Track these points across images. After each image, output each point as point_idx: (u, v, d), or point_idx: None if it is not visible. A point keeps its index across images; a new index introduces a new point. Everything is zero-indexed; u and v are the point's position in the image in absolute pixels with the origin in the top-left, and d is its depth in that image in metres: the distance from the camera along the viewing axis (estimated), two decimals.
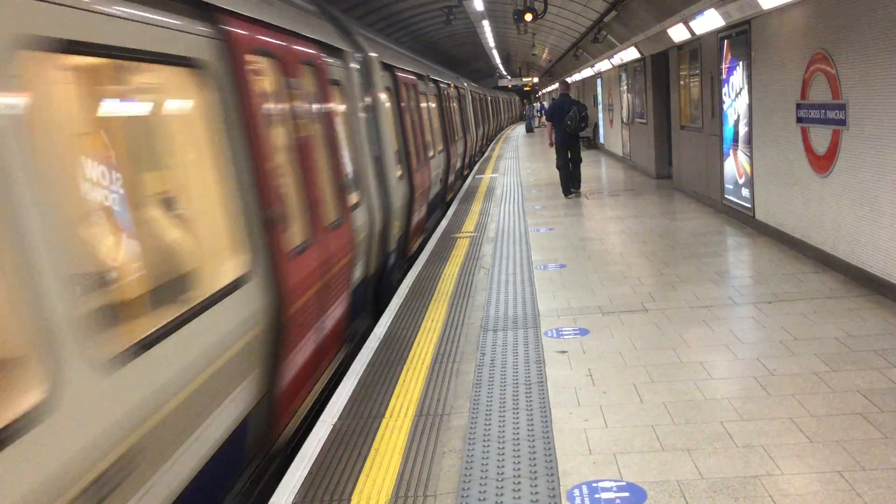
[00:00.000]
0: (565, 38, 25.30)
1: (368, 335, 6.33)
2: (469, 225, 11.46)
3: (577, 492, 3.56)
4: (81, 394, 2.37)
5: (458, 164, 17.77)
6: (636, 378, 4.91)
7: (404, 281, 8.04)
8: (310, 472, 3.93)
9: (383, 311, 7.10)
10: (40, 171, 2.40)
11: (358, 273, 6.39)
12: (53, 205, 2.45)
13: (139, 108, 4.03)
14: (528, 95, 70.70)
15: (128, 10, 3.13)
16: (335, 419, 4.57)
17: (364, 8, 19.33)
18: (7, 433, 2.00)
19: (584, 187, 14.37)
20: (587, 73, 25.12)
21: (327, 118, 6.02)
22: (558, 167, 13.94)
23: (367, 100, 7.92)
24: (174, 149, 4.02)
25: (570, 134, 13.68)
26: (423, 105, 12.76)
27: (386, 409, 4.67)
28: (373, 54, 8.54)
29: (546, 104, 43.45)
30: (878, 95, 6.12)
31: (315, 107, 5.74)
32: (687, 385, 4.73)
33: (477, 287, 7.52)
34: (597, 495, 3.52)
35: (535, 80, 55.12)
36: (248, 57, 4.29)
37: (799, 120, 7.73)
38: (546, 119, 21.16)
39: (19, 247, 2.25)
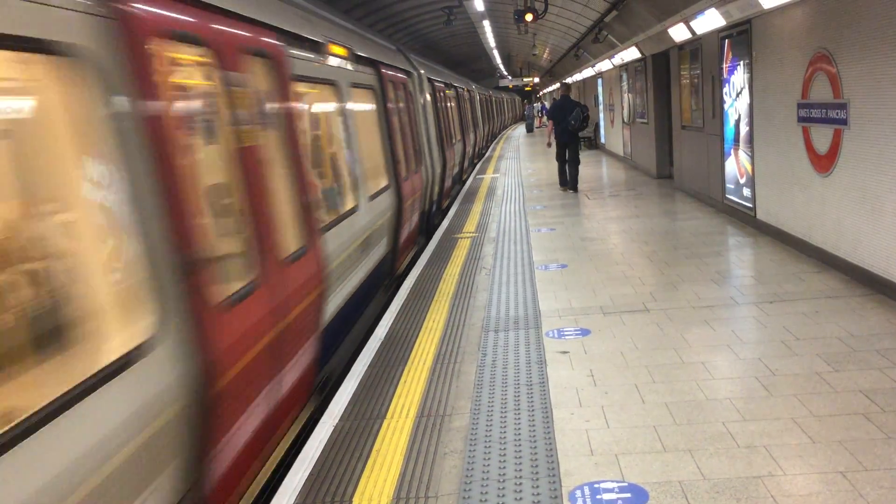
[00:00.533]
0: (566, 39, 25.28)
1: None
2: (470, 225, 11.46)
3: (578, 493, 3.56)
4: (363, 207, 6.59)
5: (470, 153, 22.20)
6: (638, 378, 4.91)
7: (405, 282, 8.05)
8: (311, 474, 3.93)
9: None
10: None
11: (421, 205, 10.54)
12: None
13: (370, 107, 8.15)
14: (528, 96, 70.76)
15: (360, 68, 7.62)
16: (336, 420, 4.57)
17: (364, 8, 19.31)
18: (348, 214, 6.06)
19: (584, 186, 15.00)
20: (588, 73, 25.11)
21: (408, 112, 10.66)
22: (558, 160, 14.99)
23: (421, 102, 12.33)
24: (374, 124, 8.26)
25: (572, 133, 14.39)
26: (449, 105, 17.12)
27: (387, 409, 4.67)
28: (422, 71, 12.89)
29: (547, 104, 43.58)
30: (880, 94, 6.11)
31: (405, 105, 10.43)
32: (689, 385, 4.72)
33: (478, 287, 7.51)
34: (598, 496, 3.52)
35: (536, 80, 55.16)
36: (386, 83, 8.89)
37: (800, 119, 7.71)
38: (547, 118, 21.43)
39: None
